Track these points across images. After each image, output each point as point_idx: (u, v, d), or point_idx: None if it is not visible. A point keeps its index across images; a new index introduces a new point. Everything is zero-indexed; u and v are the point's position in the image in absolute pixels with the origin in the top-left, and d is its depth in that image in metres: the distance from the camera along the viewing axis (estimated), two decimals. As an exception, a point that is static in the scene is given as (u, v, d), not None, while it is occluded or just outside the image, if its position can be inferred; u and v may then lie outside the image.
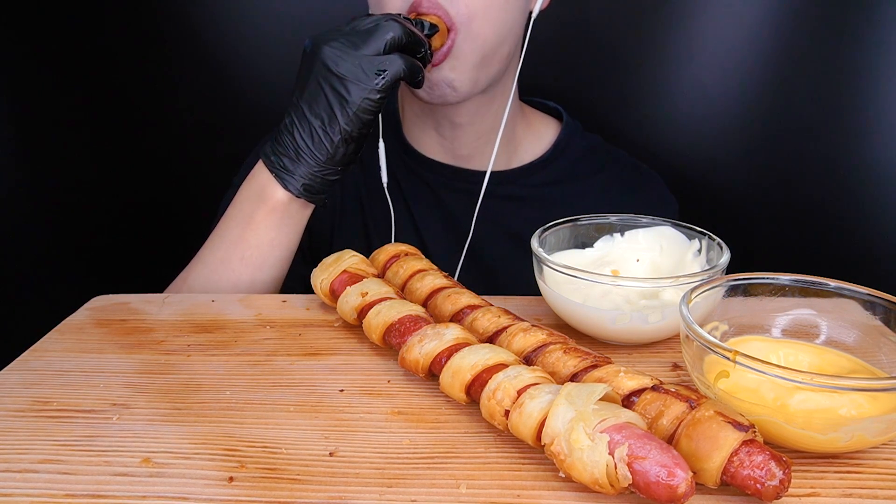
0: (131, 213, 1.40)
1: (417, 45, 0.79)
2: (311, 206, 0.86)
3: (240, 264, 0.85)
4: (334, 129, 0.78)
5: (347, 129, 0.78)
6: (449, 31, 0.86)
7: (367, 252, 0.79)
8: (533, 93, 1.13)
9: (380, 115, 1.02)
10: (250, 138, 1.06)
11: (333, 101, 0.77)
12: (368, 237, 1.07)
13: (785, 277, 0.61)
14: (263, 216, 0.84)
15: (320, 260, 0.76)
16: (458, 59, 0.89)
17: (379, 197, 1.05)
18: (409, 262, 0.76)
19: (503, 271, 1.05)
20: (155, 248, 0.95)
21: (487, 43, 0.89)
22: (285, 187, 0.82)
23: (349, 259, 0.74)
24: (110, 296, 0.80)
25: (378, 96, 0.77)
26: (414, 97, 1.01)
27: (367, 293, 0.68)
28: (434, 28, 0.84)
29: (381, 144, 1.01)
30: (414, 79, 0.79)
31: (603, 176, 1.09)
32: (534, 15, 0.96)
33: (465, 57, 0.89)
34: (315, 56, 0.78)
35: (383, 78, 0.76)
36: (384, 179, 1.01)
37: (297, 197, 0.82)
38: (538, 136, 1.10)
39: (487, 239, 1.04)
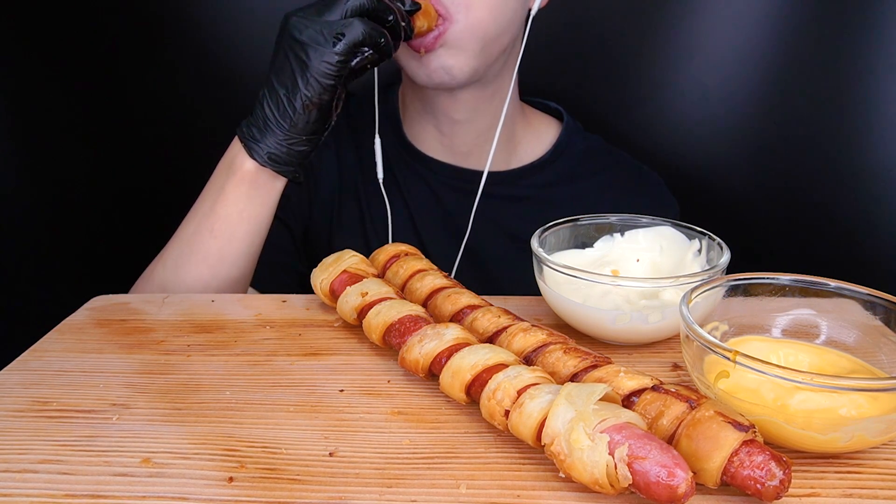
0: (131, 214, 1.39)
1: (384, 13, 0.79)
2: (282, 180, 0.85)
3: (209, 236, 0.85)
4: (296, 95, 0.78)
5: (307, 94, 0.78)
6: (445, 19, 0.87)
7: (364, 249, 0.79)
8: (534, 93, 1.13)
9: (377, 110, 1.02)
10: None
11: (296, 68, 0.77)
12: (366, 235, 1.07)
13: (785, 277, 0.61)
14: (233, 187, 0.84)
15: (319, 260, 0.76)
16: (457, 46, 0.89)
17: (376, 194, 1.05)
18: (409, 262, 0.76)
19: (502, 272, 1.05)
20: (155, 248, 0.95)
21: (489, 31, 0.89)
22: (252, 156, 0.82)
23: (349, 259, 0.74)
24: (110, 296, 0.80)
25: (336, 59, 0.76)
26: (415, 90, 1.01)
27: (367, 293, 0.68)
28: (415, 5, 0.83)
29: (378, 140, 1.01)
30: (377, 45, 0.78)
31: (603, 177, 1.09)
32: (533, 12, 0.96)
33: (464, 44, 0.89)
34: (283, 27, 0.79)
35: (342, 42, 0.76)
36: (380, 175, 1.01)
37: (263, 166, 0.82)
38: (538, 136, 1.10)
39: (486, 239, 1.04)
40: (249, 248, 0.87)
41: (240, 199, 0.84)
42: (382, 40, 0.78)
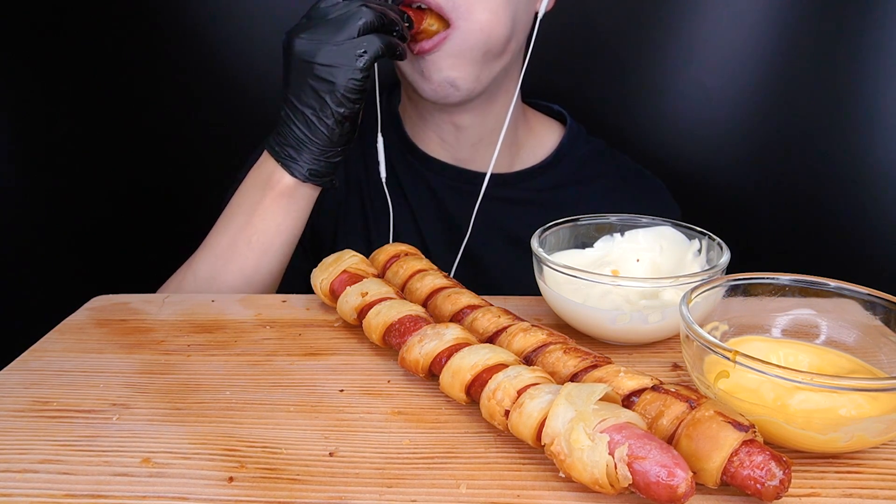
0: (132, 214, 1.39)
1: (391, 26, 0.82)
2: (318, 189, 0.88)
3: (246, 248, 0.87)
4: (326, 113, 0.81)
5: (339, 111, 0.81)
6: (448, 24, 0.87)
7: (367, 249, 0.79)
8: (534, 94, 1.13)
9: (378, 111, 1.02)
10: (253, 136, 1.05)
11: (320, 88, 0.80)
12: (369, 234, 1.07)
13: (785, 277, 0.61)
14: (271, 201, 0.86)
15: (323, 258, 0.76)
16: (458, 55, 0.89)
17: (380, 194, 1.05)
18: (409, 262, 0.76)
19: (501, 274, 1.05)
20: (155, 248, 0.95)
21: (493, 36, 0.89)
22: (292, 174, 0.84)
23: (349, 259, 0.74)
24: (110, 296, 0.80)
25: (361, 75, 0.80)
26: (417, 98, 1.01)
27: (366, 293, 0.68)
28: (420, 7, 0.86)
29: (380, 139, 1.01)
30: (394, 54, 0.82)
31: (605, 181, 1.09)
32: (540, 15, 0.95)
33: (466, 52, 0.89)
34: (290, 50, 0.81)
35: (365, 58, 0.80)
36: (382, 175, 1.01)
37: (304, 182, 0.85)
38: (540, 140, 1.10)
39: (486, 241, 1.04)
40: (284, 259, 0.90)
41: (278, 214, 0.86)
42: (399, 50, 0.82)
